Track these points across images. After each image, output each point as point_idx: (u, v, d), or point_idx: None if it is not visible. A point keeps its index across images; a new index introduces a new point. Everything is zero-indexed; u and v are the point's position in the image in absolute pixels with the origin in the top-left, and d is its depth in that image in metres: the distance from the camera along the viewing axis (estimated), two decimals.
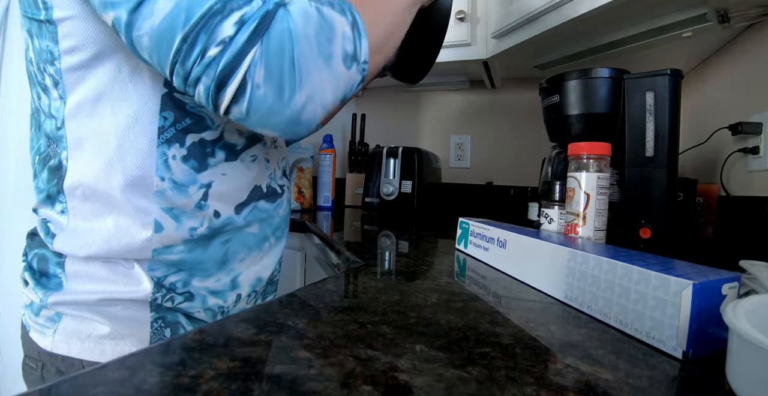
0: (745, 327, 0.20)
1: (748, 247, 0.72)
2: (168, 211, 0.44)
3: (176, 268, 0.47)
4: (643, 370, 0.24)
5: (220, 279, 0.50)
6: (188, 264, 0.47)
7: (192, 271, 0.48)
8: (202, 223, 0.46)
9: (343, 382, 0.21)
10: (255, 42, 0.33)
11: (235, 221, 0.50)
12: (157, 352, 0.23)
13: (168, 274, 0.46)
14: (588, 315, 0.34)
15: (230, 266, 0.51)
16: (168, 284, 0.46)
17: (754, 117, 0.76)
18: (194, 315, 0.49)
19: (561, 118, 0.78)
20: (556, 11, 0.85)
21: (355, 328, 0.29)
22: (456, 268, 0.52)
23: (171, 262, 0.46)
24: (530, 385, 0.22)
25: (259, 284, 0.56)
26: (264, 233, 0.54)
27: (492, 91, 1.56)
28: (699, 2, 0.73)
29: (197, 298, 0.49)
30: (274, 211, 0.56)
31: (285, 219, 0.59)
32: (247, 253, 0.52)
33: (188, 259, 0.47)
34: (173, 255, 0.46)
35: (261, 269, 0.55)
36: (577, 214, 0.47)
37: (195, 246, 0.47)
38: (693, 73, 1.06)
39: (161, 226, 0.44)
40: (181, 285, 0.47)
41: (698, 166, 0.93)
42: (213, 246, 0.48)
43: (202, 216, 0.46)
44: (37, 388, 0.19)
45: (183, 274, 0.47)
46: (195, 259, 0.47)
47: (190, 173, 0.44)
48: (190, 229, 0.46)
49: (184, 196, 0.45)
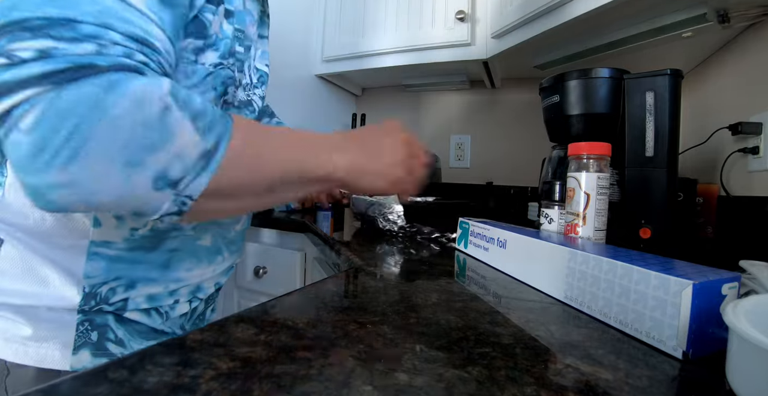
0: (745, 327, 0.20)
1: (748, 247, 0.72)
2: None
3: (113, 272, 0.43)
4: (643, 370, 0.24)
5: (161, 285, 0.47)
6: (127, 263, 0.44)
7: (131, 275, 0.44)
8: (144, 225, 0.44)
9: (343, 382, 0.21)
10: (45, 84, 0.26)
11: (183, 229, 0.47)
12: (157, 352, 0.23)
13: (109, 278, 0.43)
14: (588, 315, 0.34)
15: (175, 274, 0.48)
16: (102, 293, 0.43)
17: (754, 117, 0.75)
18: (125, 315, 0.46)
19: (561, 118, 0.78)
20: (556, 11, 0.85)
21: (355, 328, 0.29)
22: (456, 269, 0.52)
23: (108, 257, 0.43)
24: (530, 385, 0.22)
25: (201, 292, 0.53)
26: (217, 246, 0.52)
27: (492, 91, 1.56)
28: (699, 2, 0.73)
29: (129, 307, 0.45)
30: (230, 224, 0.53)
31: (241, 234, 0.57)
32: (195, 263, 0.50)
33: (126, 257, 0.44)
34: (111, 250, 0.43)
35: (210, 280, 0.53)
36: (577, 214, 0.47)
37: (135, 247, 0.44)
38: (693, 73, 1.06)
39: (99, 222, 0.42)
40: (119, 291, 0.44)
41: (698, 166, 0.93)
42: (156, 252, 0.46)
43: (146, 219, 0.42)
44: (38, 388, 0.19)
45: (121, 280, 0.44)
46: (134, 258, 0.44)
47: None
48: (131, 230, 0.43)
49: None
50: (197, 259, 0.50)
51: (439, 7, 1.24)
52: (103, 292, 0.43)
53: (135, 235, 0.44)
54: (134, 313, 0.46)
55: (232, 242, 0.54)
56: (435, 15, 1.25)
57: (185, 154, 0.30)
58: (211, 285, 0.55)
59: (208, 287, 0.54)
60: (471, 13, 1.17)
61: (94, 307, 0.43)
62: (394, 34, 1.32)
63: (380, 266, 0.52)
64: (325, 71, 1.49)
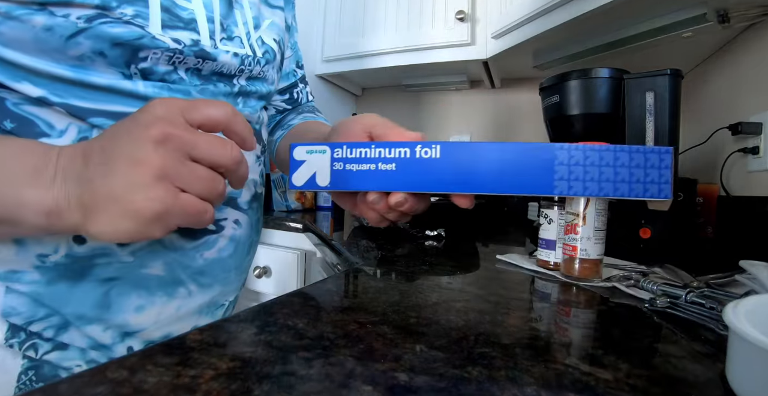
0: (745, 327, 0.20)
1: (748, 247, 0.72)
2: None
3: (40, 308, 0.33)
4: (643, 370, 0.24)
5: (108, 329, 0.36)
6: (51, 300, 0.34)
7: (62, 313, 0.34)
8: (56, 250, 0.33)
9: (343, 382, 0.21)
10: None
11: (116, 254, 0.35)
12: (157, 352, 0.23)
13: (35, 316, 0.33)
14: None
15: (120, 316, 0.36)
16: (33, 329, 0.34)
17: (754, 117, 0.75)
18: (74, 369, 0.36)
19: (561, 118, 0.78)
20: (556, 11, 0.85)
21: (355, 328, 0.29)
22: (456, 268, 0.52)
23: (28, 293, 0.33)
24: (530, 385, 0.22)
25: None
26: (174, 275, 0.38)
27: (492, 91, 1.56)
28: (699, 2, 0.73)
29: (73, 349, 0.35)
30: (195, 252, 0.39)
31: (223, 263, 0.42)
32: (147, 298, 0.37)
33: (46, 293, 0.33)
34: (25, 284, 0.33)
35: (174, 322, 0.40)
36: (577, 214, 0.47)
37: (55, 277, 0.33)
38: (693, 73, 1.06)
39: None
40: (52, 332, 0.34)
41: (698, 166, 0.93)
42: (86, 283, 0.34)
43: (54, 241, 0.33)
44: (38, 388, 0.19)
45: (56, 318, 0.34)
46: (58, 295, 0.34)
47: None
48: (38, 256, 0.33)
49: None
50: (148, 293, 0.37)
51: (439, 7, 1.24)
52: (32, 329, 0.34)
53: (46, 262, 0.33)
54: (83, 367, 0.36)
55: (200, 273, 0.40)
56: (435, 15, 1.25)
57: None
58: (184, 330, 0.40)
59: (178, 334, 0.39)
60: (471, 13, 1.17)
61: (26, 341, 0.34)
62: (394, 34, 1.32)
63: (380, 266, 0.52)
64: (325, 71, 1.49)
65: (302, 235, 1.00)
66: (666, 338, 0.31)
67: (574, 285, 0.45)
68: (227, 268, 0.43)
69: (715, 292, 0.37)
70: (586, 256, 0.46)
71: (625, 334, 0.30)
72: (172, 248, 0.38)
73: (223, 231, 0.42)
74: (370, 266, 0.51)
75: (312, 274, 1.00)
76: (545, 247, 0.53)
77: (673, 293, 0.38)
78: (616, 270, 0.49)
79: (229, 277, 0.44)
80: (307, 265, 1.01)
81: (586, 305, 0.38)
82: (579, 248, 0.46)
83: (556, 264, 0.51)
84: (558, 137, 0.87)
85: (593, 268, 0.46)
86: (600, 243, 0.46)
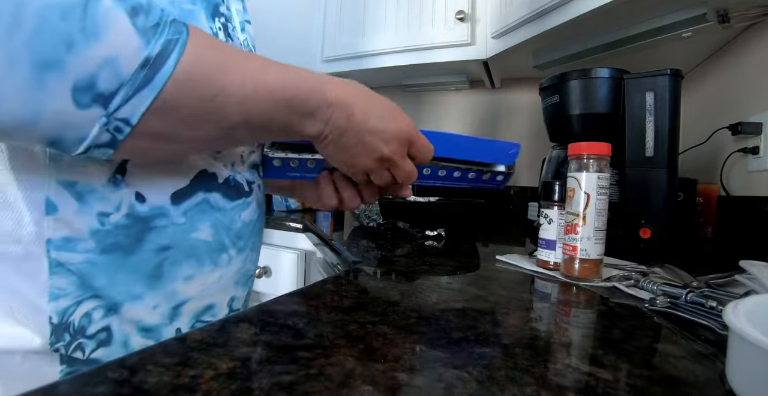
0: (745, 327, 0.20)
1: (748, 247, 0.72)
2: (67, 185, 0.30)
3: (87, 289, 0.32)
4: (643, 370, 0.24)
5: (158, 305, 0.35)
6: (102, 276, 0.32)
7: (110, 293, 0.33)
8: (118, 208, 0.32)
9: (343, 382, 0.21)
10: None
11: (170, 214, 0.35)
12: (157, 352, 0.23)
13: (78, 300, 0.32)
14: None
15: (170, 286, 0.36)
16: (76, 321, 0.32)
17: (754, 117, 0.75)
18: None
19: (561, 118, 0.78)
20: (556, 11, 0.85)
21: (355, 328, 0.29)
22: (456, 268, 0.52)
23: (77, 270, 0.31)
24: (530, 385, 0.22)
25: (209, 313, 0.40)
26: (220, 241, 0.39)
27: (492, 91, 1.56)
28: (699, 2, 0.73)
29: (116, 338, 0.34)
30: (235, 212, 0.41)
31: (252, 226, 0.43)
32: (196, 268, 0.37)
33: (101, 264, 0.32)
34: (78, 254, 0.31)
35: (219, 293, 0.40)
36: (577, 214, 0.47)
37: (111, 245, 0.32)
38: (693, 73, 1.06)
39: (54, 205, 0.30)
40: (97, 317, 0.33)
41: (698, 166, 0.93)
42: (142, 251, 0.34)
43: (118, 197, 0.32)
44: (38, 388, 0.19)
45: (98, 300, 0.32)
46: (112, 266, 0.32)
47: None
48: (99, 215, 0.31)
49: (90, 163, 0.31)
50: (197, 262, 0.37)
51: (439, 7, 1.24)
52: (76, 320, 0.32)
53: (106, 223, 0.32)
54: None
55: (238, 236, 0.41)
56: (435, 15, 1.25)
57: (120, 59, 0.23)
58: (224, 301, 0.41)
59: (221, 305, 0.41)
60: (471, 13, 1.17)
61: (71, 344, 0.32)
62: (394, 34, 1.32)
63: (380, 266, 0.52)
64: (325, 71, 1.49)
65: (302, 235, 1.00)
66: (666, 338, 0.31)
67: (574, 285, 0.45)
68: (255, 232, 0.45)
69: (715, 292, 0.37)
70: (586, 256, 0.46)
71: (625, 334, 0.30)
72: (217, 208, 0.39)
73: (254, 194, 0.44)
74: (370, 266, 0.51)
75: (312, 274, 1.00)
76: (545, 247, 0.53)
77: (673, 293, 0.38)
78: (616, 270, 0.49)
79: (256, 242, 0.46)
80: (307, 265, 1.01)
81: (586, 305, 0.38)
82: (579, 248, 0.46)
83: (556, 264, 0.51)
84: (558, 137, 0.87)
85: (593, 268, 0.46)
86: (600, 243, 0.46)
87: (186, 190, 0.36)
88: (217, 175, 0.39)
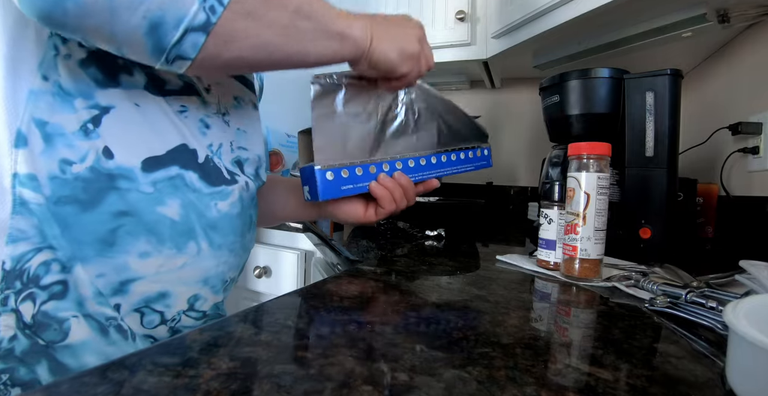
0: (745, 327, 0.20)
1: (748, 247, 0.72)
2: (39, 123, 0.31)
3: (44, 237, 0.31)
4: (643, 370, 0.24)
5: (103, 274, 0.34)
6: (56, 227, 0.32)
7: (62, 248, 0.32)
8: (83, 159, 0.32)
9: (343, 382, 0.21)
10: None
11: (137, 179, 0.34)
12: (157, 352, 0.23)
13: (37, 247, 0.31)
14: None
15: (121, 258, 0.34)
16: (31, 269, 0.31)
17: (754, 117, 0.75)
18: (70, 320, 0.33)
19: (561, 118, 0.78)
20: (556, 11, 0.85)
21: (355, 328, 0.29)
22: (456, 268, 0.52)
23: (38, 212, 0.31)
24: (530, 385, 0.22)
25: (161, 303, 0.37)
26: (188, 225, 0.37)
27: (492, 91, 1.56)
28: (699, 2, 0.73)
29: (71, 294, 0.33)
30: (211, 199, 0.39)
31: (231, 221, 0.41)
32: (155, 246, 0.35)
33: (54, 214, 0.31)
34: (35, 194, 0.31)
35: (174, 282, 0.37)
36: (577, 214, 0.47)
37: (67, 198, 0.32)
38: (693, 73, 1.06)
39: (25, 139, 0.31)
40: (56, 269, 0.32)
41: (698, 166, 0.93)
42: (98, 211, 0.33)
43: (86, 147, 0.32)
44: (38, 388, 0.19)
45: (54, 252, 0.32)
46: (64, 219, 0.32)
47: (86, 83, 0.33)
48: (61, 162, 0.32)
49: (66, 108, 0.32)
50: (157, 240, 0.35)
51: (439, 7, 1.24)
52: (32, 267, 0.31)
53: (67, 172, 0.32)
54: (80, 320, 0.33)
55: (212, 227, 0.39)
56: (435, 15, 1.25)
57: None
58: (184, 295, 0.38)
59: (178, 297, 0.38)
60: (471, 13, 1.17)
61: (21, 293, 0.31)
62: None
63: (380, 266, 0.52)
64: (325, 71, 1.49)
65: (302, 235, 1.00)
66: (666, 338, 0.31)
67: (574, 285, 0.45)
68: (235, 230, 0.42)
69: (715, 292, 0.37)
70: (586, 256, 0.46)
71: (625, 334, 0.30)
72: (192, 188, 0.38)
73: (236, 184, 0.42)
74: (370, 266, 0.51)
75: (312, 274, 1.00)
76: (545, 247, 0.53)
77: (673, 293, 0.38)
78: (616, 270, 0.49)
79: (236, 244, 0.43)
80: (307, 265, 1.01)
81: (586, 305, 0.38)
82: (579, 248, 0.46)
83: (556, 264, 0.51)
84: (558, 137, 0.87)
85: (593, 268, 0.46)
86: (600, 243, 0.46)
87: (161, 159, 0.36)
88: (197, 153, 0.38)
